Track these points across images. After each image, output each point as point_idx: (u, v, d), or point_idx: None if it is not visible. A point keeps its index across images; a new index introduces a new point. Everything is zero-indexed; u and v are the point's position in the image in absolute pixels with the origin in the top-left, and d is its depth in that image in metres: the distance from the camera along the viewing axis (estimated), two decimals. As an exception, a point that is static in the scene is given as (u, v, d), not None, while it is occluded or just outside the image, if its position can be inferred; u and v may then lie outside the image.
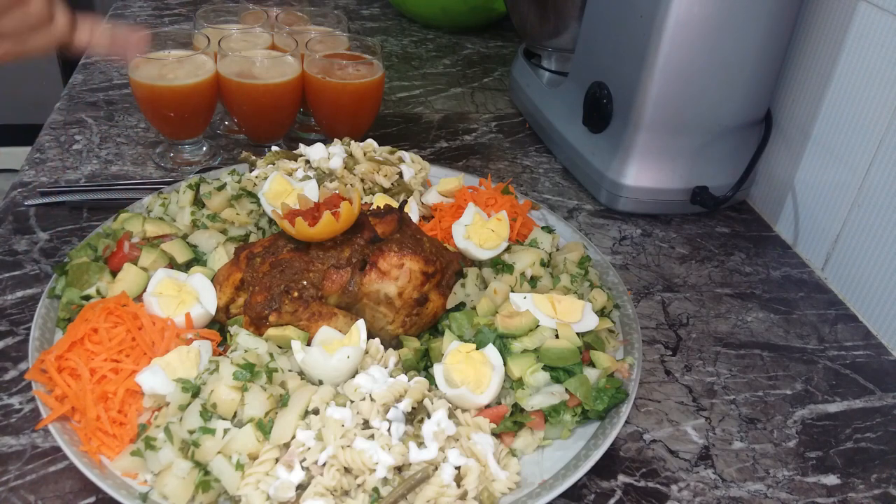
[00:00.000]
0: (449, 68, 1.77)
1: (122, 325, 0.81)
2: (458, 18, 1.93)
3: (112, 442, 0.74)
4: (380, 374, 0.78)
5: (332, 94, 1.26)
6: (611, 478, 0.82)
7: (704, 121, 1.21)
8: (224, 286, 0.87)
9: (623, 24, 1.19)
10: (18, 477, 0.75)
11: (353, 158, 1.12)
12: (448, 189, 1.11)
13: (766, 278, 1.17)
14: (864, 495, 0.83)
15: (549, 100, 1.44)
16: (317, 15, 1.44)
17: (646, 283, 1.13)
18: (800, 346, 1.04)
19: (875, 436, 0.91)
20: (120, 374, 0.78)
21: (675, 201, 1.26)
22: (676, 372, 0.97)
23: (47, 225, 1.09)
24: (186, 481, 0.70)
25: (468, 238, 0.97)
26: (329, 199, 0.88)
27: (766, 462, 0.86)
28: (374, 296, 0.85)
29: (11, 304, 0.95)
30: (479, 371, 0.80)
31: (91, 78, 1.53)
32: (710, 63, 1.14)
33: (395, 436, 0.73)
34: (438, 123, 1.51)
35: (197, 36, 1.26)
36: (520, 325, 0.85)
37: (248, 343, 0.80)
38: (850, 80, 1.14)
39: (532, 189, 1.33)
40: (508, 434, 0.81)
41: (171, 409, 0.75)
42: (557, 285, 0.97)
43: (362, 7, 2.10)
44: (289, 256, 0.86)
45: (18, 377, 0.85)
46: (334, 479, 0.70)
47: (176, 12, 1.89)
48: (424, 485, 0.71)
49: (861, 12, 1.11)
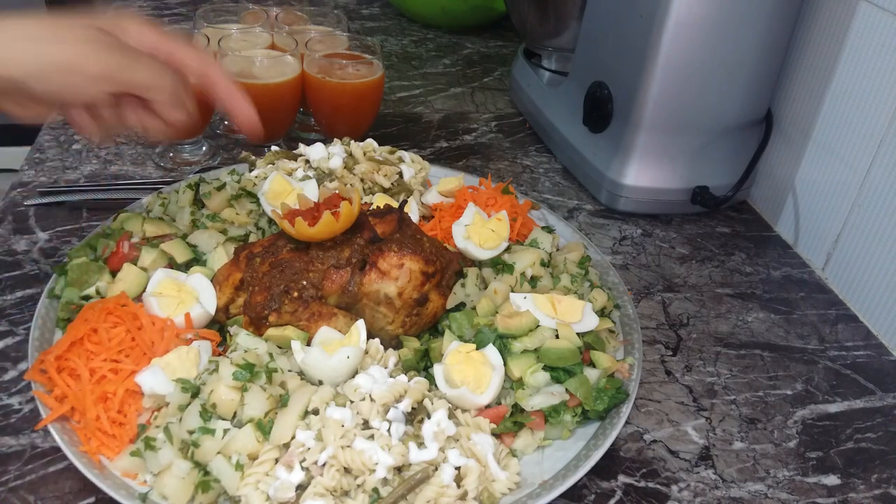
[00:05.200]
0: (449, 68, 1.77)
1: (121, 325, 0.81)
2: (458, 18, 1.93)
3: (112, 442, 0.74)
4: (380, 375, 0.78)
5: (332, 94, 1.26)
6: (611, 478, 0.81)
7: (705, 121, 1.21)
8: (224, 286, 0.87)
9: (623, 23, 1.19)
10: (18, 477, 0.74)
11: (352, 158, 1.12)
12: (448, 189, 1.11)
13: (766, 278, 1.17)
14: (865, 495, 0.83)
15: (550, 100, 1.44)
16: (317, 15, 1.44)
17: (646, 283, 1.13)
18: (800, 347, 1.04)
19: (875, 436, 0.91)
20: (120, 374, 0.78)
21: (675, 201, 1.26)
22: (677, 372, 0.97)
23: (47, 225, 1.09)
24: (186, 481, 0.70)
25: (468, 238, 0.97)
26: (329, 199, 0.88)
27: (766, 462, 0.86)
28: (373, 296, 0.85)
29: (11, 304, 0.95)
30: (479, 371, 0.80)
31: (91, 78, 1.53)
32: (710, 63, 1.14)
33: (395, 436, 0.73)
34: (438, 123, 1.51)
35: (197, 36, 1.26)
36: (520, 325, 0.84)
37: (247, 343, 0.80)
38: (850, 80, 1.14)
39: (532, 189, 1.33)
40: (508, 434, 0.81)
41: (171, 410, 0.75)
42: (558, 285, 0.97)
43: (362, 7, 2.10)
44: (289, 256, 0.85)
45: (18, 377, 0.85)
46: (334, 479, 0.70)
47: (176, 12, 1.89)
48: (424, 485, 0.71)
49: (861, 12, 1.11)
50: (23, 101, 0.74)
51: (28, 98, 0.74)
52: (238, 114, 0.85)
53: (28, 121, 0.77)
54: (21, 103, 0.74)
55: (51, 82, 0.73)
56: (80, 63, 0.74)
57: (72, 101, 0.76)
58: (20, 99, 0.74)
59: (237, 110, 0.85)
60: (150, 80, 0.77)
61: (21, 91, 0.72)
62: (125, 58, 0.75)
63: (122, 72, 0.75)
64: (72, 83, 0.74)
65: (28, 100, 0.74)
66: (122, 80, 0.75)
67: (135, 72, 0.76)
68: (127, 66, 0.75)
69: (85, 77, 0.73)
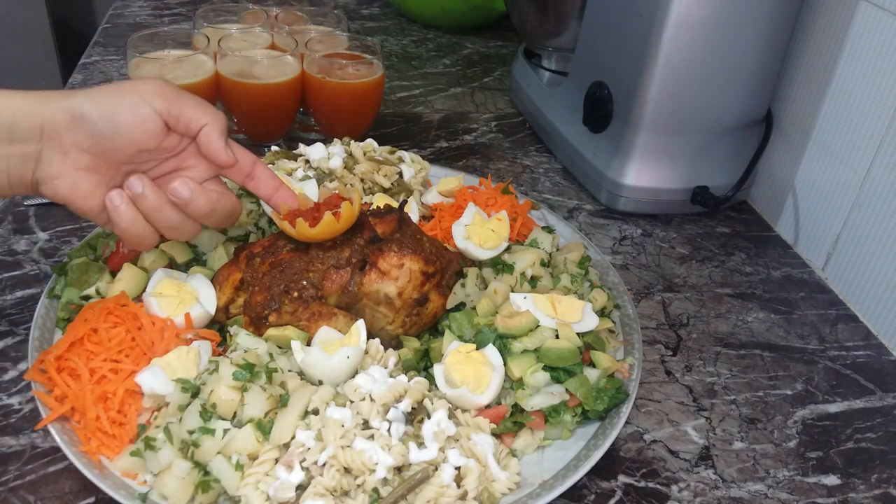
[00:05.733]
0: (449, 68, 1.77)
1: (121, 325, 0.81)
2: (458, 18, 1.93)
3: (112, 442, 0.74)
4: (380, 375, 0.78)
5: (332, 94, 1.26)
6: (611, 478, 0.81)
7: (705, 120, 1.21)
8: (224, 286, 0.87)
9: (623, 23, 1.19)
10: (18, 477, 0.74)
11: (352, 158, 1.12)
12: (448, 189, 1.11)
13: (766, 278, 1.17)
14: (865, 495, 0.83)
15: (549, 100, 1.44)
16: (317, 15, 1.44)
17: (646, 283, 1.13)
18: (800, 347, 1.04)
19: (875, 436, 0.91)
20: (119, 374, 0.78)
21: (675, 201, 1.26)
22: (677, 372, 0.97)
23: (47, 225, 1.09)
24: (186, 481, 0.70)
25: (468, 238, 0.97)
26: (329, 200, 0.88)
27: (766, 462, 0.86)
28: (373, 296, 0.85)
29: (11, 304, 0.95)
30: (479, 371, 0.80)
31: (91, 77, 1.53)
32: (710, 63, 1.14)
33: (395, 436, 0.73)
34: (438, 123, 1.51)
35: (197, 36, 1.26)
36: (520, 325, 0.84)
37: (247, 343, 0.80)
38: (850, 80, 1.14)
39: (532, 189, 1.33)
40: (508, 434, 0.81)
41: (171, 410, 0.75)
42: (558, 285, 0.96)
43: (362, 7, 2.10)
44: (289, 256, 0.85)
45: (18, 377, 0.85)
46: (334, 479, 0.70)
47: (176, 12, 1.89)
48: (424, 485, 0.71)
49: (861, 12, 1.11)
50: (68, 149, 0.74)
51: (76, 145, 0.74)
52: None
53: (78, 205, 0.77)
54: (65, 150, 0.74)
55: (110, 102, 0.75)
56: (134, 85, 0.77)
57: (128, 140, 0.76)
58: (67, 147, 0.74)
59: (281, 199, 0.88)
60: (200, 105, 0.80)
61: (78, 129, 0.73)
62: (175, 89, 0.79)
63: (174, 95, 0.78)
64: (128, 104, 0.75)
65: (75, 147, 0.74)
66: (175, 103, 0.77)
67: (185, 98, 0.79)
68: (178, 94, 0.79)
69: (140, 96, 0.76)
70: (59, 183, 0.75)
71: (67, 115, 0.73)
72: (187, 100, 0.79)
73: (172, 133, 0.79)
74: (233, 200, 0.85)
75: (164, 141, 0.79)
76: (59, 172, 0.75)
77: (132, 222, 0.79)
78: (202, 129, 0.80)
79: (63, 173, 0.75)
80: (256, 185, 0.86)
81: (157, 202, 0.79)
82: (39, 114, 0.73)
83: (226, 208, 0.84)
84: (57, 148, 0.74)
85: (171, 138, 0.80)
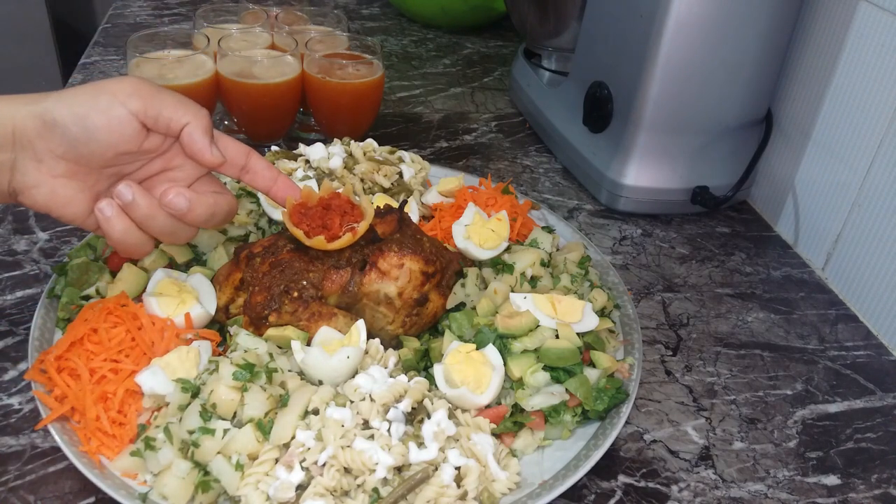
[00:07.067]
0: (449, 68, 1.77)
1: (121, 325, 0.81)
2: (458, 18, 1.93)
3: (112, 442, 0.74)
4: (380, 375, 0.78)
5: (332, 94, 1.26)
6: (611, 478, 0.81)
7: (705, 121, 1.21)
8: (224, 286, 0.87)
9: (623, 23, 1.19)
10: (18, 477, 0.74)
11: (352, 158, 1.12)
12: (448, 189, 1.11)
13: (766, 278, 1.17)
14: (865, 495, 0.83)
15: (549, 100, 1.44)
16: (317, 15, 1.44)
17: (646, 283, 1.13)
18: (800, 347, 1.04)
19: (875, 436, 0.91)
20: (119, 374, 0.78)
21: (675, 201, 1.26)
22: (677, 372, 0.97)
23: (47, 225, 1.09)
24: (186, 481, 0.70)
25: (468, 238, 0.97)
26: (337, 205, 0.86)
27: (766, 462, 0.86)
28: (374, 296, 0.85)
29: (11, 304, 0.95)
30: (479, 371, 0.80)
31: (91, 77, 1.53)
32: (710, 63, 1.14)
33: (395, 436, 0.73)
34: (438, 123, 1.51)
35: (197, 36, 1.26)
36: (520, 325, 0.84)
37: (247, 343, 0.80)
38: (850, 80, 1.14)
39: (532, 189, 1.33)
40: (508, 434, 0.81)
41: (171, 410, 0.75)
42: (558, 285, 0.96)
43: (362, 7, 2.10)
44: (289, 256, 0.85)
45: (18, 377, 0.85)
46: (334, 479, 0.70)
47: (176, 12, 1.89)
48: (424, 485, 0.71)
49: (861, 12, 1.11)
50: (42, 156, 0.71)
51: (51, 152, 0.71)
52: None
53: (65, 213, 0.74)
54: (39, 158, 0.71)
55: (82, 105, 0.70)
56: (108, 85, 0.73)
57: (104, 145, 0.72)
58: (42, 155, 0.70)
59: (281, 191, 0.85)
60: (181, 103, 0.76)
61: (51, 136, 0.70)
62: (152, 87, 0.75)
63: (151, 94, 0.74)
64: (102, 107, 0.71)
65: (49, 154, 0.71)
66: (152, 102, 0.73)
67: (164, 96, 0.75)
68: (156, 93, 0.75)
69: (114, 97, 0.72)
70: (37, 192, 0.72)
71: (38, 122, 0.69)
72: (166, 98, 0.75)
73: (154, 133, 0.76)
74: (229, 199, 0.82)
75: (144, 142, 0.75)
76: (36, 181, 0.71)
77: (125, 232, 0.76)
78: (184, 129, 0.76)
79: (40, 182, 0.71)
80: (253, 179, 0.83)
81: (149, 209, 0.75)
82: (10, 120, 0.69)
83: (223, 210, 0.81)
84: (31, 156, 0.70)
85: (153, 139, 0.76)
